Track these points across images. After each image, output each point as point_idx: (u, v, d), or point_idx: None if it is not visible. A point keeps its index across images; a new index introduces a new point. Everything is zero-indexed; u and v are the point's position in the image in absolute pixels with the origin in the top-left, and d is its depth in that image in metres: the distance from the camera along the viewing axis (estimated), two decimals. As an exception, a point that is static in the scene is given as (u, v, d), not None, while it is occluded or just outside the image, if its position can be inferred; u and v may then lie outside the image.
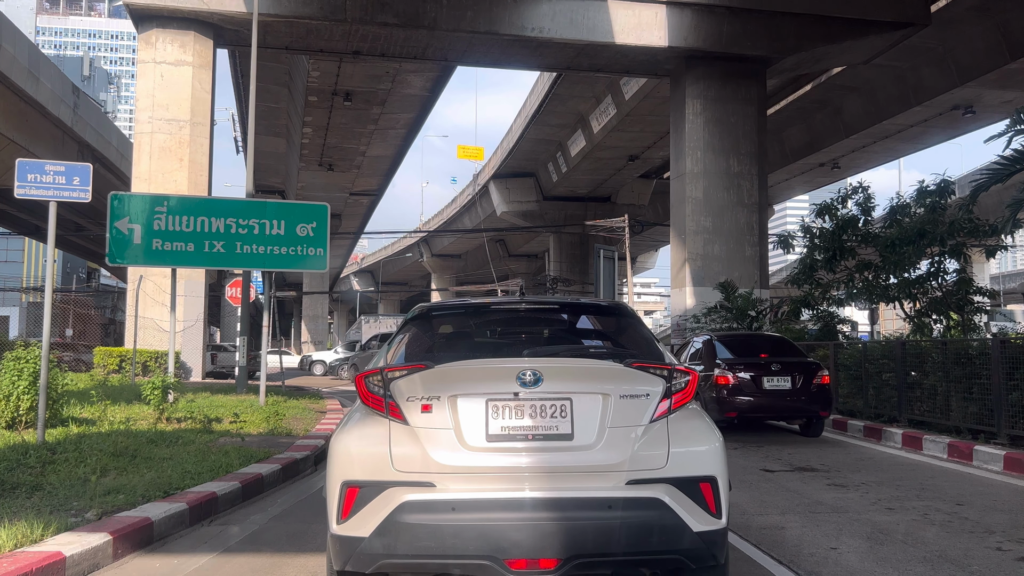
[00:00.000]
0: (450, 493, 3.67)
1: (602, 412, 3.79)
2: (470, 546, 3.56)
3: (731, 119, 23.96)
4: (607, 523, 3.63)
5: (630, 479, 3.72)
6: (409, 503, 3.65)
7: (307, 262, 14.36)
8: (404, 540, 3.62)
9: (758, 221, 23.95)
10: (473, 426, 3.74)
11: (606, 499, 3.67)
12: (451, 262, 66.82)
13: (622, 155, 38.51)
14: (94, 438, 9.06)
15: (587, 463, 3.73)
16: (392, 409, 3.84)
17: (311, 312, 50.97)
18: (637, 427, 3.80)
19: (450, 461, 3.69)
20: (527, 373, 3.81)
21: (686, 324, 22.55)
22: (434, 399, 3.78)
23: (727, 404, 11.83)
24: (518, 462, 3.73)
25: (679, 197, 24.22)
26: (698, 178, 23.59)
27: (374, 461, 3.77)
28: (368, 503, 3.71)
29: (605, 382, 3.91)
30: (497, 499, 3.65)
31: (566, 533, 3.56)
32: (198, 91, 21.94)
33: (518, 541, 3.56)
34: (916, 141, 35.88)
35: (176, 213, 13.76)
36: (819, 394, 11.85)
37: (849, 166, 40.04)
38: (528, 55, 24.00)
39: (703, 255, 23.34)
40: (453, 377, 3.90)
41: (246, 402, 14.40)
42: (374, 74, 30.12)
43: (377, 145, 39.28)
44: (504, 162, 43.82)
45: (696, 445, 3.94)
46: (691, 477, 3.79)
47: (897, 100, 31.48)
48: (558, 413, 3.78)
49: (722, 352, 12.74)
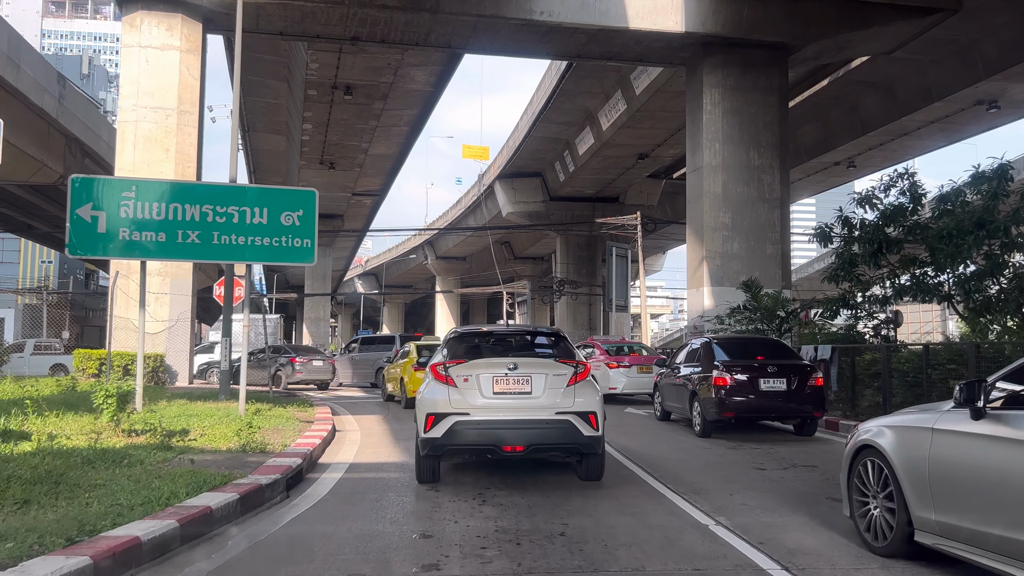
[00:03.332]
0: (476, 416, 7.71)
1: (545, 382, 7.89)
2: (485, 440, 7.73)
3: (751, 109, 22.23)
4: (546, 431, 7.76)
5: (556, 412, 7.77)
6: (458, 422, 7.68)
7: (293, 254, 12.63)
8: (456, 437, 7.67)
9: (780, 217, 22.20)
10: (486, 387, 7.83)
11: (545, 420, 7.76)
12: (456, 264, 65.05)
13: (631, 153, 36.78)
14: (19, 459, 7.34)
15: (537, 405, 7.81)
16: (449, 380, 7.87)
17: (313, 315, 49.24)
18: (560, 388, 7.89)
19: (476, 403, 7.77)
20: (511, 364, 7.93)
21: (705, 326, 20.81)
22: (469, 376, 7.87)
23: (725, 404, 12.21)
24: (507, 403, 7.82)
25: (696, 192, 22.47)
26: (716, 172, 21.84)
27: (441, 404, 7.79)
28: (439, 422, 7.70)
29: (546, 368, 8.03)
30: (497, 419, 7.73)
31: (527, 434, 7.70)
32: (186, 77, 20.27)
33: (506, 438, 7.69)
34: (936, 138, 34.11)
35: (146, 199, 12.06)
36: (813, 395, 12.36)
37: (865, 165, 38.27)
38: (536, 42, 22.30)
39: (722, 253, 21.58)
40: (476, 366, 7.98)
41: (223, 411, 12.68)
42: (375, 66, 28.45)
43: (380, 143, 37.59)
44: (510, 161, 42.13)
45: (587, 398, 7.93)
46: (584, 412, 7.80)
47: (917, 95, 29.74)
48: (525, 382, 7.86)
49: (719, 355, 12.94)
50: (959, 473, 4.77)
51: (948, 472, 4.85)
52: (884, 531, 5.46)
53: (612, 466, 9.12)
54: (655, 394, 15.98)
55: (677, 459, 10.20)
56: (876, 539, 5.53)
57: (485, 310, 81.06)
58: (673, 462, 9.90)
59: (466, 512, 6.87)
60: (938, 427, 5.01)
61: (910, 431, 5.33)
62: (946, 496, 4.85)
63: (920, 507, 5.05)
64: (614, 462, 9.70)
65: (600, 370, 19.49)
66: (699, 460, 10.16)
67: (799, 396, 12.27)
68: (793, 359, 13.19)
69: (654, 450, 11.01)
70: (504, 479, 8.39)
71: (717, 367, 12.49)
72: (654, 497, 7.70)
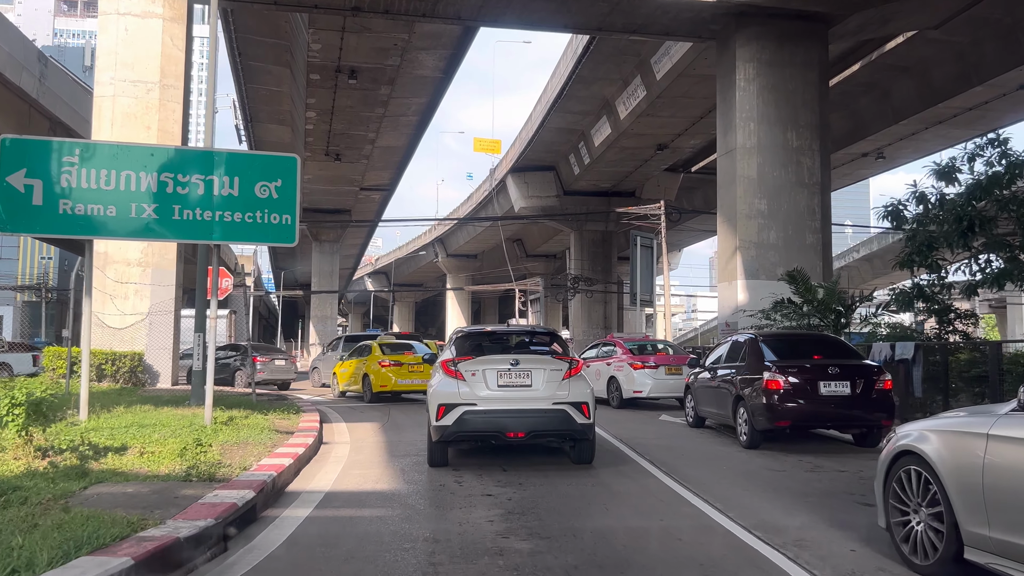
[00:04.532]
0: (482, 406, 8.46)
1: (544, 376, 8.64)
2: (491, 427, 8.51)
3: (788, 86, 19.86)
4: (544, 419, 8.50)
5: (553, 402, 8.50)
6: (467, 411, 8.41)
7: (270, 233, 10.36)
8: (465, 425, 8.39)
9: (820, 204, 19.81)
10: (492, 381, 8.57)
11: (544, 409, 8.50)
12: (467, 262, 62.69)
13: (650, 144, 34.43)
14: None
15: (536, 396, 8.55)
16: (458, 375, 8.59)
17: (320, 313, 46.94)
18: (556, 382, 8.62)
19: (482, 394, 8.50)
20: (513, 360, 8.75)
21: (738, 322, 18.48)
22: (476, 370, 8.60)
23: (778, 411, 10.30)
24: (509, 395, 8.56)
25: (728, 176, 20.10)
26: (751, 154, 19.47)
27: (451, 395, 8.50)
28: (449, 412, 8.41)
29: (544, 364, 8.80)
30: (501, 409, 8.49)
31: (528, 422, 8.47)
32: (169, 48, 18.05)
33: (509, 425, 8.45)
34: (972, 126, 31.57)
35: (92, 165, 9.81)
36: (881, 401, 10.46)
37: (895, 156, 35.81)
38: (554, 12, 20.03)
39: (757, 243, 19.21)
40: (482, 362, 8.73)
41: (187, 419, 10.43)
42: (380, 47, 26.21)
43: (387, 134, 35.31)
44: (523, 154, 39.82)
45: (580, 390, 8.69)
46: (577, 402, 8.55)
47: (955, 79, 27.27)
48: (526, 376, 8.62)
49: (769, 353, 11.02)
50: (1022, 484, 4.15)
51: (1008, 483, 4.24)
52: (928, 548, 4.83)
53: (663, 492, 6.84)
54: (687, 398, 13.78)
55: (750, 485, 7.88)
56: (918, 556, 4.90)
57: (496, 309, 78.66)
58: (742, 489, 7.58)
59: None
60: (996, 432, 4.38)
61: (960, 436, 4.70)
62: (1004, 510, 4.24)
63: (972, 522, 4.45)
64: (663, 488, 7.42)
65: (623, 371, 17.21)
66: (763, 483, 7.84)
67: (865, 401, 10.36)
68: (855, 358, 11.22)
69: (706, 469, 8.71)
70: (524, 524, 6.12)
71: (769, 368, 10.54)
72: (726, 539, 5.41)
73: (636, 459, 9.41)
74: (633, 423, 13.81)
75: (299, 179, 10.43)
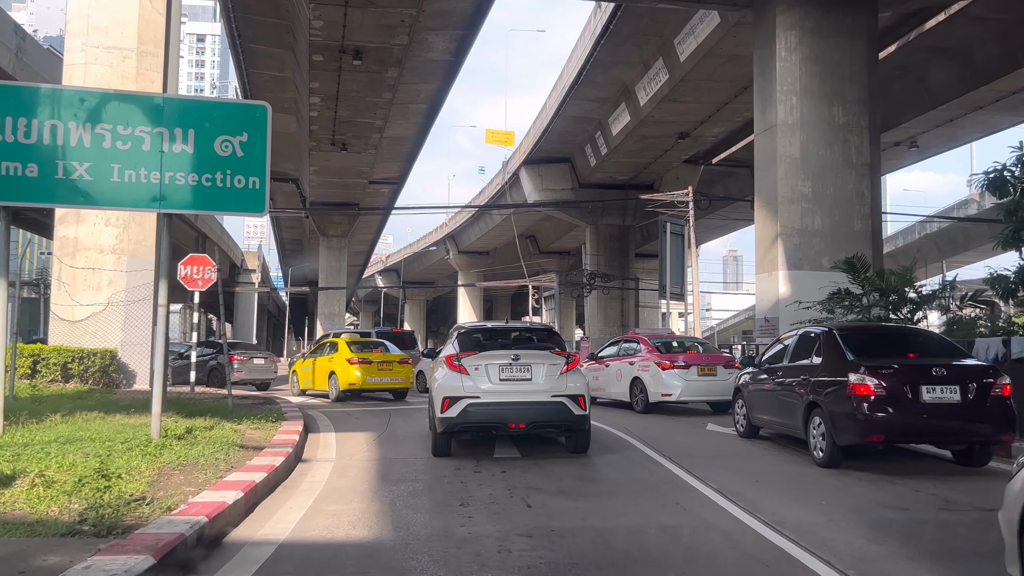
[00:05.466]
0: (486, 399, 8.62)
1: (543, 370, 8.84)
2: (494, 419, 8.68)
3: (834, 56, 17.57)
4: (544, 410, 8.72)
5: (552, 395, 8.71)
6: (471, 403, 8.57)
7: (232, 199, 8.13)
8: (469, 416, 8.54)
9: (869, 186, 17.51)
10: (495, 375, 8.76)
11: (543, 401, 8.71)
12: (478, 259, 60.39)
13: (671, 132, 32.14)
14: None
15: (536, 389, 8.75)
16: (462, 369, 8.77)
17: (327, 310, 44.78)
18: (555, 376, 8.83)
19: (485, 387, 8.68)
20: (514, 355, 8.91)
21: (779, 316, 16.23)
22: (479, 365, 8.79)
23: (870, 423, 8.05)
24: (512, 388, 8.74)
25: (767, 156, 17.80)
26: (793, 131, 17.18)
27: (456, 389, 8.67)
28: (454, 404, 8.56)
29: (544, 358, 8.98)
30: (503, 401, 8.67)
31: (528, 414, 8.69)
32: (148, 11, 15.93)
33: (511, 416, 8.66)
34: (1017, 111, 29.23)
35: (8, 113, 7.66)
36: (999, 410, 8.10)
37: (929, 145, 33.42)
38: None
39: (800, 230, 16.91)
40: (485, 357, 8.90)
41: (131, 432, 8.26)
42: (387, 24, 24.03)
43: (396, 123, 33.08)
44: (537, 145, 37.60)
45: (577, 383, 8.94)
46: (574, 394, 8.78)
47: (1000, 60, 24.88)
48: (527, 370, 8.81)
49: (850, 351, 8.71)
50: None
51: None
52: None
53: (759, 545, 4.61)
54: (736, 403, 11.51)
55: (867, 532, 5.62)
56: None
57: (509, 307, 76.29)
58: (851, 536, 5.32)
59: None
60: None
61: None
62: None
63: None
64: (755, 537, 5.19)
65: (649, 371, 14.95)
66: (893, 530, 5.59)
67: (979, 411, 8.08)
68: (962, 357, 9.02)
69: (795, 503, 6.46)
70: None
71: (856, 368, 8.26)
72: None
73: (698, 487, 7.18)
74: (675, 433, 11.58)
75: (269, 133, 8.22)
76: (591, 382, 13.91)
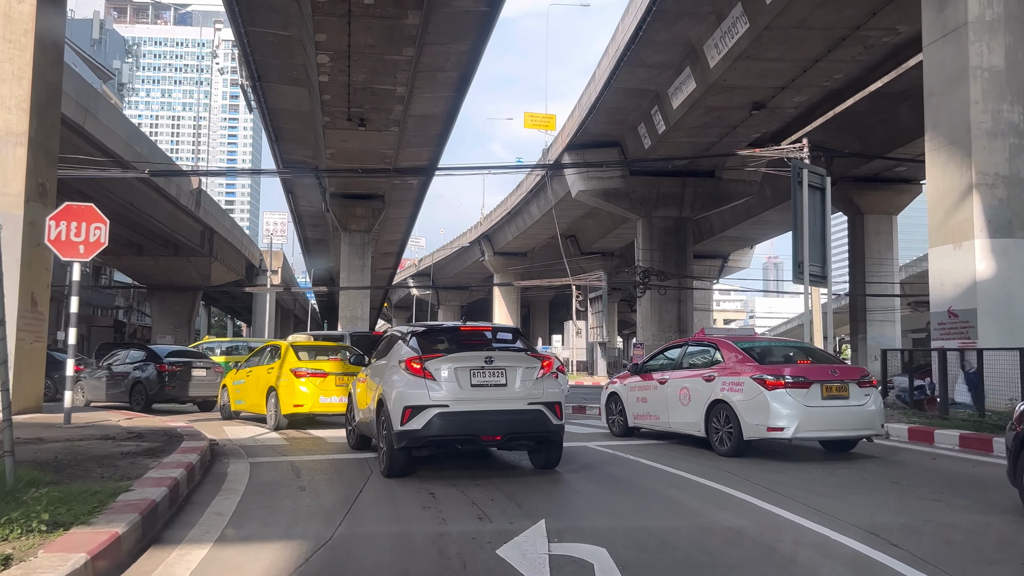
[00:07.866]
0: (455, 408, 7.42)
1: (519, 374, 7.74)
2: (464, 431, 7.46)
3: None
4: (519, 419, 7.62)
5: (528, 402, 7.67)
6: (438, 414, 7.34)
7: None
8: (435, 428, 7.30)
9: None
10: (465, 380, 7.53)
11: (519, 410, 7.65)
12: (515, 261, 55.01)
13: (744, 102, 26.53)
14: None
15: (512, 396, 7.66)
16: (427, 374, 7.51)
17: (349, 313, 39.58)
18: (531, 380, 7.76)
19: (455, 396, 7.44)
20: (487, 357, 7.69)
21: (975, 308, 10.47)
22: (447, 369, 7.53)
23: None
24: (485, 395, 7.58)
25: (946, 73, 12.00)
26: (993, 31, 11.42)
27: (419, 396, 7.42)
28: (417, 415, 7.33)
29: (519, 361, 7.86)
30: (476, 410, 7.50)
31: (503, 424, 7.54)
32: None
33: (486, 428, 7.49)
34: None
35: None
36: None
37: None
38: None
39: (1008, 177, 11.16)
40: (454, 359, 7.64)
41: None
42: (403, -51, 18.79)
43: (422, 97, 27.69)
44: (582, 126, 32.18)
45: (553, 389, 7.95)
46: (551, 402, 7.79)
47: None
48: (501, 375, 7.67)
49: None
50: None
51: None
52: None
53: None
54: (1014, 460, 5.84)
55: None
56: None
57: (547, 312, 70.64)
58: None
59: None
60: None
61: None
62: None
63: None
64: None
65: (743, 390, 9.15)
66: None
67: None
68: None
69: None
70: None
71: None
72: None
73: None
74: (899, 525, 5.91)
75: None
76: (635, 405, 11.26)
